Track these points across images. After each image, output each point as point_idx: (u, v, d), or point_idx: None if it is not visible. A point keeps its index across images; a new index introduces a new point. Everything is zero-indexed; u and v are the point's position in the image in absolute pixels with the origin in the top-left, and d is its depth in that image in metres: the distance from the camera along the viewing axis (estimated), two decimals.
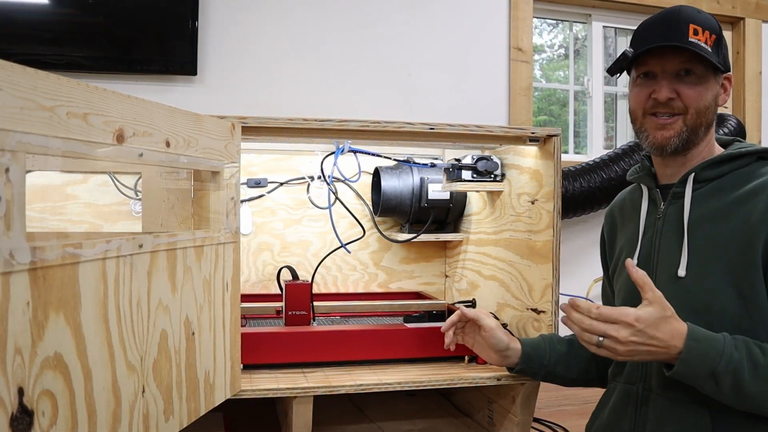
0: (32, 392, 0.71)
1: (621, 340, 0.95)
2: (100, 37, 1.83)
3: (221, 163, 1.16)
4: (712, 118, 1.09)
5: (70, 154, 0.78)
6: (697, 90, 1.06)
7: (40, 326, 0.72)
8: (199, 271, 1.09)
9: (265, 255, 1.90)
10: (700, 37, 1.04)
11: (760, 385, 0.92)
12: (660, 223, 1.12)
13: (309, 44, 2.07)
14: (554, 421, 1.66)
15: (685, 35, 1.04)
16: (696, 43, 1.03)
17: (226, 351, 1.19)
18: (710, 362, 0.93)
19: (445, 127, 1.38)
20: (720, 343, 0.94)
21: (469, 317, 1.31)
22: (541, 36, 2.67)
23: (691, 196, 1.08)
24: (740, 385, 0.92)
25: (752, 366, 0.93)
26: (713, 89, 1.08)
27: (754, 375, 0.92)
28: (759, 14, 2.57)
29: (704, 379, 0.94)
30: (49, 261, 0.74)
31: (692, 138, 1.08)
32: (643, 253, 1.14)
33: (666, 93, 1.07)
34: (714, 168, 1.08)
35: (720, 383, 0.93)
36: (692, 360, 0.94)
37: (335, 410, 1.67)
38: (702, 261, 1.03)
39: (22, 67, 0.69)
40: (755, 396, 0.92)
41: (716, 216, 1.04)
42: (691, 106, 1.06)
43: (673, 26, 1.05)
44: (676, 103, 1.07)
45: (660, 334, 0.95)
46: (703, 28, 1.05)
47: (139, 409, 0.93)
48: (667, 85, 1.07)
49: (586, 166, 2.13)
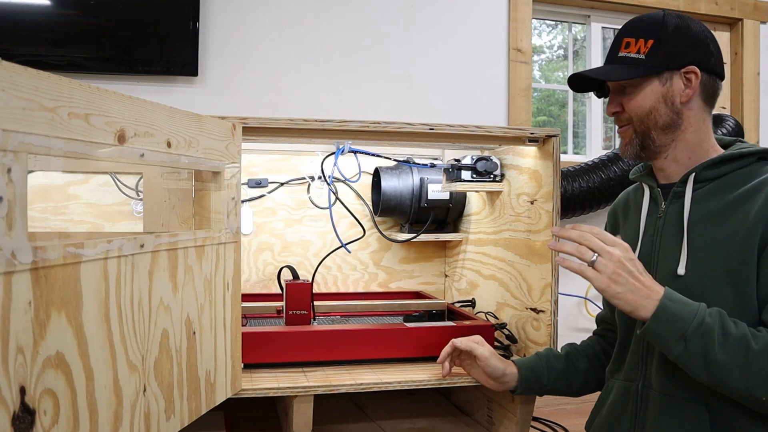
0: (34, 391, 0.71)
1: (614, 259, 0.98)
2: (101, 38, 1.84)
3: (222, 163, 1.17)
4: (666, 119, 1.11)
5: (72, 154, 0.78)
6: (634, 99, 1.12)
7: (41, 325, 0.72)
8: (200, 271, 1.10)
9: (266, 255, 1.90)
10: (632, 48, 1.12)
11: (728, 354, 0.92)
12: (661, 223, 1.13)
13: (309, 45, 2.08)
14: (553, 419, 1.67)
15: (617, 51, 1.14)
16: (624, 57, 1.12)
17: (227, 350, 1.20)
18: (682, 323, 0.95)
19: (444, 128, 1.38)
20: (694, 307, 0.96)
21: (461, 349, 1.31)
22: (540, 37, 2.68)
23: (691, 196, 1.09)
24: (708, 350, 0.93)
25: (723, 334, 0.93)
26: (655, 92, 1.11)
27: (723, 343, 0.93)
28: (757, 15, 2.58)
29: (675, 339, 0.95)
30: (51, 261, 0.74)
31: (647, 143, 1.13)
32: (643, 252, 1.15)
33: (611, 108, 1.17)
34: (714, 168, 1.09)
35: (689, 346, 0.94)
36: (665, 318, 0.96)
37: (336, 409, 1.67)
38: (701, 260, 1.04)
39: (24, 68, 0.70)
40: (721, 364, 0.92)
41: (716, 215, 1.05)
42: (633, 114, 1.13)
43: (612, 46, 1.16)
44: (623, 115, 1.16)
45: (644, 278, 0.99)
46: (636, 38, 1.12)
47: (141, 408, 0.93)
48: (614, 100, 1.17)
49: (585, 167, 2.13)
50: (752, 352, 0.91)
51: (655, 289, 0.98)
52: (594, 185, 2.07)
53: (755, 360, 0.91)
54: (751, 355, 0.91)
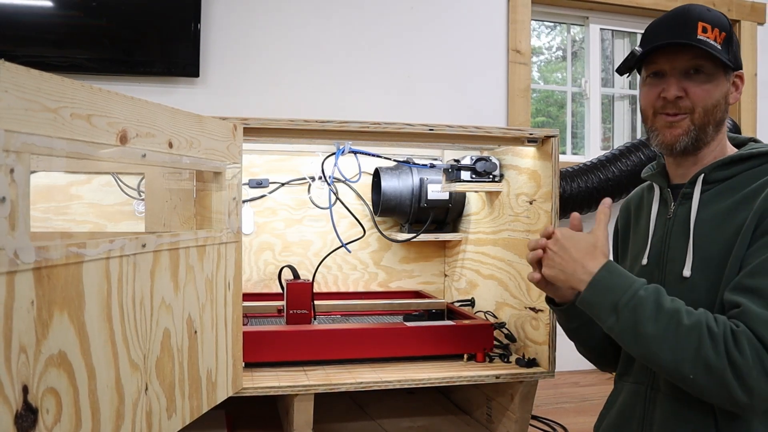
0: (36, 390, 0.72)
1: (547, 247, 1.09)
2: (103, 40, 1.85)
3: (223, 163, 1.18)
4: (721, 117, 1.07)
5: (74, 154, 0.79)
6: (705, 88, 1.04)
7: (44, 325, 0.73)
8: (201, 271, 1.10)
9: (267, 254, 1.91)
10: (710, 34, 1.02)
11: (658, 328, 0.92)
12: (670, 224, 1.11)
13: (310, 47, 2.08)
14: (552, 418, 1.68)
15: (694, 33, 1.02)
16: (705, 41, 1.02)
17: (228, 349, 1.20)
18: (615, 294, 0.96)
19: (444, 129, 1.39)
20: (631, 280, 0.97)
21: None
22: (539, 38, 2.68)
23: (699, 198, 1.07)
24: (638, 323, 0.93)
25: (656, 307, 0.93)
26: (723, 87, 1.06)
27: (654, 316, 0.93)
28: (754, 17, 2.59)
29: (607, 311, 0.96)
30: (54, 260, 0.75)
31: (701, 136, 1.07)
32: (653, 253, 1.13)
33: (674, 91, 1.05)
34: (724, 169, 1.07)
35: (620, 317, 0.95)
36: (599, 288, 0.98)
37: (336, 408, 1.68)
38: (707, 261, 1.03)
39: (27, 69, 0.70)
40: (651, 337, 0.92)
41: (722, 216, 1.03)
42: (699, 104, 1.05)
43: (682, 24, 1.04)
44: (684, 102, 1.06)
45: (574, 252, 1.03)
46: (712, 25, 1.03)
47: (142, 407, 0.94)
48: (676, 83, 1.06)
49: (584, 167, 2.14)
50: (683, 327, 0.91)
51: (592, 261, 1.01)
52: (592, 185, 2.08)
53: (686, 335, 0.90)
54: (681, 330, 0.91)
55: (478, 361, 1.49)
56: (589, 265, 1.01)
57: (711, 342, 0.89)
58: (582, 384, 1.61)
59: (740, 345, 0.88)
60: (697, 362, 0.89)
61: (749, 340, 0.88)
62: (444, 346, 1.49)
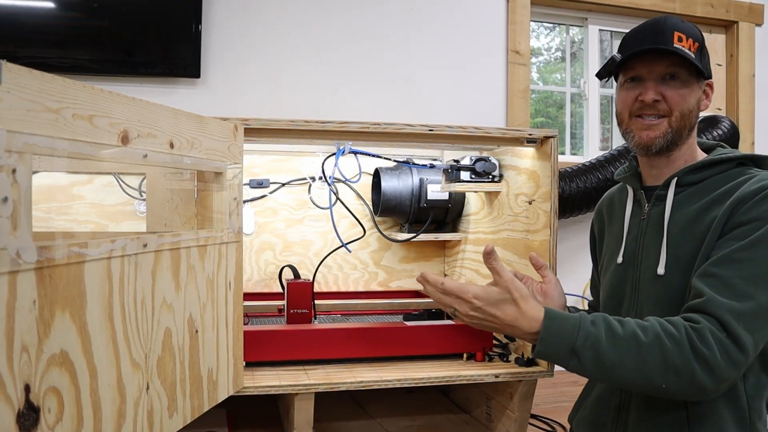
0: (38, 389, 0.72)
1: (463, 313, 1.07)
2: (105, 41, 1.86)
3: (224, 164, 1.18)
4: (694, 122, 1.13)
5: (76, 155, 0.79)
6: (681, 93, 1.10)
7: (46, 324, 0.73)
8: (202, 270, 1.11)
9: (267, 254, 1.92)
10: (685, 43, 1.08)
11: (619, 354, 0.96)
12: (644, 224, 1.16)
13: (310, 47, 2.09)
14: (551, 417, 1.68)
15: (670, 41, 1.08)
16: (681, 49, 1.07)
17: (229, 348, 1.21)
18: (568, 339, 0.99)
19: (444, 129, 1.40)
20: (576, 320, 1.00)
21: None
22: (539, 39, 2.69)
23: (672, 200, 1.12)
24: (600, 356, 0.97)
25: (611, 337, 0.97)
26: (696, 93, 1.12)
27: (612, 345, 0.96)
28: (752, 18, 2.60)
29: (566, 356, 1.00)
30: (55, 260, 0.75)
31: (676, 139, 1.12)
32: (628, 251, 1.18)
33: (652, 95, 1.10)
34: (696, 173, 1.12)
35: (582, 358, 0.98)
36: (550, 338, 1.00)
37: (336, 407, 1.68)
38: (680, 260, 1.07)
39: (29, 70, 0.71)
40: (615, 365, 0.96)
41: (694, 218, 1.08)
42: (676, 108, 1.10)
43: (659, 33, 1.09)
44: (661, 105, 1.11)
45: (500, 314, 1.04)
46: (687, 35, 1.09)
47: (144, 406, 0.94)
48: (654, 88, 1.11)
49: (583, 167, 2.14)
50: (643, 346, 0.95)
51: (526, 317, 1.03)
52: (591, 186, 2.08)
53: (647, 352, 0.95)
54: (643, 350, 0.95)
55: (478, 360, 1.50)
56: (525, 325, 1.03)
57: (675, 347, 0.94)
58: (581, 383, 1.61)
59: (705, 339, 0.93)
60: (667, 372, 0.94)
61: (712, 332, 0.93)
62: (443, 346, 1.49)
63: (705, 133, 2.17)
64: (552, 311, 1.03)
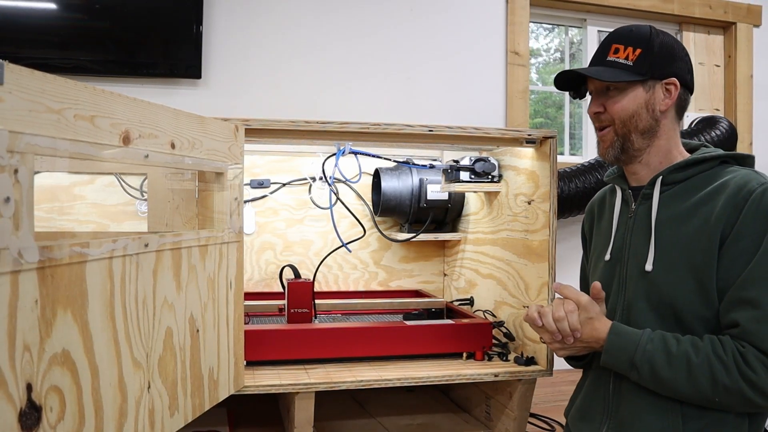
0: (40, 388, 0.73)
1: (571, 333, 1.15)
2: (106, 41, 1.86)
3: (225, 164, 1.19)
4: (646, 124, 1.16)
5: (78, 155, 0.80)
6: (617, 101, 1.15)
7: (48, 323, 0.74)
8: (203, 270, 1.11)
9: (268, 254, 1.92)
10: (621, 54, 1.15)
11: (673, 372, 1.04)
12: (631, 222, 1.19)
13: (311, 48, 2.09)
14: (550, 416, 1.68)
15: (605, 55, 1.17)
16: (613, 61, 1.15)
17: (230, 348, 1.21)
18: (628, 353, 1.08)
19: (443, 129, 1.40)
20: (637, 337, 1.08)
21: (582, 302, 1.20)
22: (538, 40, 2.69)
23: (658, 198, 1.15)
24: (655, 371, 1.05)
25: (666, 355, 1.05)
26: (639, 98, 1.15)
27: (666, 362, 1.05)
28: (750, 19, 2.60)
29: (626, 367, 1.09)
30: (57, 260, 0.76)
31: (627, 145, 1.17)
32: (616, 248, 1.21)
33: (593, 108, 1.19)
34: (680, 171, 1.15)
35: (640, 371, 1.07)
36: (613, 351, 1.10)
37: (336, 405, 1.69)
38: (667, 257, 1.10)
39: (31, 71, 0.71)
40: (669, 380, 1.04)
41: (681, 216, 1.11)
42: (615, 116, 1.16)
43: (600, 50, 1.19)
44: (604, 116, 1.18)
45: (583, 335, 1.13)
46: (625, 45, 1.15)
47: (145, 405, 0.95)
48: (596, 101, 1.19)
49: (582, 167, 2.15)
50: (694, 366, 1.02)
51: (597, 333, 1.12)
52: (590, 186, 2.08)
53: (699, 372, 1.02)
54: (693, 369, 1.02)
55: (477, 359, 1.51)
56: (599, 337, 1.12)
57: (723, 369, 1.01)
58: None
59: (751, 364, 0.99)
60: (716, 389, 1.01)
61: (756, 357, 0.99)
62: (443, 345, 1.50)
63: (703, 134, 2.18)
64: (618, 326, 1.11)
